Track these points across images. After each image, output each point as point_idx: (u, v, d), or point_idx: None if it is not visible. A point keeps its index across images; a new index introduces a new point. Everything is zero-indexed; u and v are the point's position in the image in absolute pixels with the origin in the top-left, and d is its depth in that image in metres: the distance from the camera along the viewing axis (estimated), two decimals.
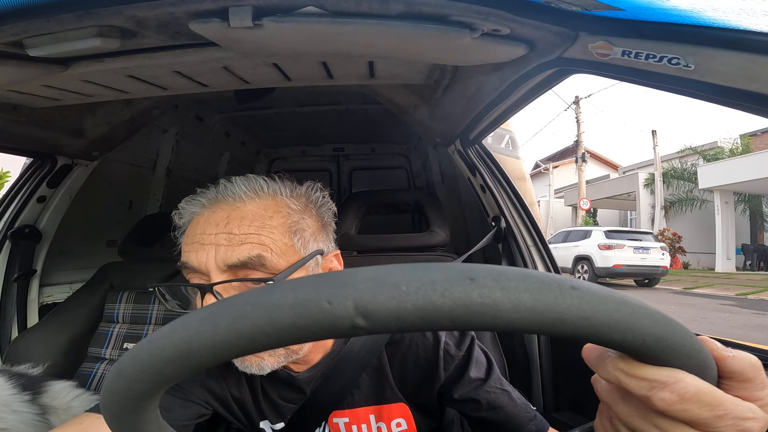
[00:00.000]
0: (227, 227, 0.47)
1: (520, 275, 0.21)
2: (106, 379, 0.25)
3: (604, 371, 0.26)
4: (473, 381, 0.59)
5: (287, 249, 0.49)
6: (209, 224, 0.48)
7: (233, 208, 0.49)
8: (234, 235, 0.46)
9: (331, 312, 0.21)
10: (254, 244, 0.47)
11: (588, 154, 14.15)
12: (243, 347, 0.22)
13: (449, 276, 0.21)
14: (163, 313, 1.28)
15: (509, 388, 0.62)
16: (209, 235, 0.47)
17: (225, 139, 2.06)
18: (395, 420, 0.61)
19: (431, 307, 0.20)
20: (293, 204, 0.52)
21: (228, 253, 0.46)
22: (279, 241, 0.48)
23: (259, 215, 0.49)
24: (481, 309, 0.20)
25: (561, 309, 0.21)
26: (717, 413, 0.22)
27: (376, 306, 0.21)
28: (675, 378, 0.23)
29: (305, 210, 0.53)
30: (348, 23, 0.53)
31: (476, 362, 0.61)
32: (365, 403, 0.62)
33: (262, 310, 0.21)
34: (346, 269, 0.23)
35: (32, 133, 1.03)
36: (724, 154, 12.09)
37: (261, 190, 0.51)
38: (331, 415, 0.61)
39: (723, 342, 0.27)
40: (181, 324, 0.23)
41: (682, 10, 0.41)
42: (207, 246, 0.47)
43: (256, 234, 0.47)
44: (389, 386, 0.61)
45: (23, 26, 0.53)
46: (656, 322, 0.22)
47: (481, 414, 0.60)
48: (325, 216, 0.57)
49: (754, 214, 11.88)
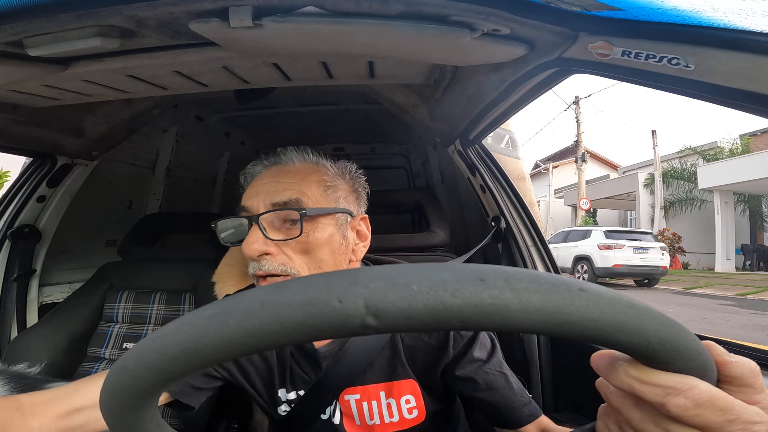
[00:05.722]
0: (276, 177, 0.59)
1: (529, 276, 0.22)
2: (107, 376, 0.25)
3: (616, 379, 0.26)
4: (475, 361, 0.63)
5: (321, 199, 0.59)
6: (265, 176, 0.60)
7: (283, 165, 0.61)
8: (280, 183, 0.58)
9: (341, 311, 0.21)
10: (294, 190, 0.57)
11: (588, 154, 14.14)
12: (251, 345, 0.22)
13: (460, 276, 0.21)
14: (163, 313, 1.28)
15: (508, 372, 0.64)
16: (263, 183, 0.59)
17: (225, 138, 2.06)
18: (405, 396, 0.64)
19: (442, 307, 0.20)
20: (330, 168, 0.63)
21: (274, 195, 0.57)
22: (315, 192, 0.59)
23: (301, 171, 0.60)
24: (491, 309, 0.21)
25: (570, 310, 0.21)
26: (728, 418, 0.23)
27: (387, 305, 0.21)
28: (689, 384, 0.23)
29: (340, 175, 0.63)
30: (348, 23, 0.53)
31: (480, 343, 0.64)
32: (376, 380, 0.64)
33: (271, 308, 0.21)
34: (356, 268, 0.23)
35: (32, 133, 1.03)
36: (724, 154, 12.09)
37: (307, 156, 0.63)
38: (343, 392, 0.64)
39: (722, 342, 0.27)
40: (188, 321, 0.23)
41: (682, 10, 0.41)
42: (260, 191, 0.58)
43: (297, 183, 0.58)
44: (401, 363, 0.64)
45: (23, 26, 0.53)
46: (661, 324, 0.23)
47: (478, 394, 0.62)
48: (357, 185, 0.66)
49: (754, 215, 11.88)
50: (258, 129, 2.15)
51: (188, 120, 1.78)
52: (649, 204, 13.48)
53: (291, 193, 0.57)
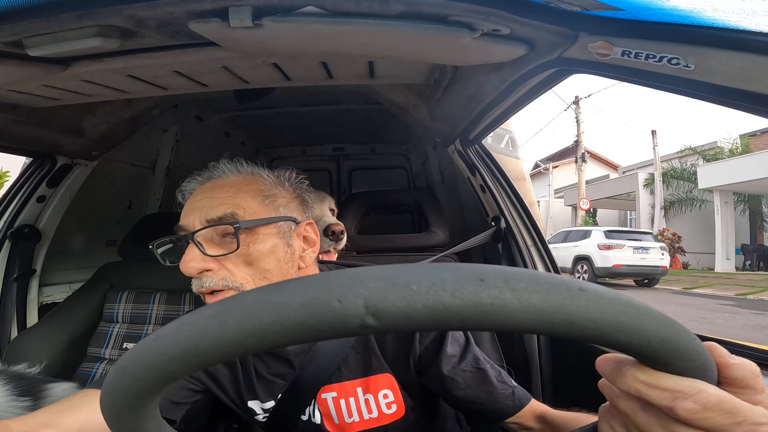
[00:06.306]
0: (210, 193, 0.58)
1: (529, 276, 0.22)
2: (107, 377, 0.25)
3: (623, 383, 0.26)
4: (450, 357, 0.63)
5: (259, 209, 0.58)
6: (199, 192, 0.59)
7: (218, 179, 0.60)
8: (215, 198, 0.57)
9: (341, 311, 0.21)
10: (229, 204, 0.56)
11: (588, 154, 14.14)
12: (250, 345, 0.22)
13: (459, 276, 0.21)
14: (163, 313, 1.28)
15: (486, 367, 0.64)
16: (198, 200, 0.58)
17: (225, 138, 2.06)
18: (382, 391, 0.64)
19: (441, 306, 0.20)
20: (267, 177, 0.62)
21: (209, 211, 0.56)
22: (251, 203, 0.58)
23: (236, 183, 0.59)
24: (491, 309, 0.21)
25: (569, 310, 0.21)
26: (736, 420, 0.24)
27: (387, 305, 0.20)
28: (697, 388, 0.24)
29: (279, 183, 0.62)
30: (348, 23, 0.53)
31: (452, 338, 0.64)
32: (352, 377, 0.64)
33: (271, 308, 0.21)
34: (355, 268, 0.23)
35: (32, 133, 1.03)
36: (724, 154, 12.08)
37: (241, 167, 0.62)
38: (320, 391, 0.63)
39: (723, 342, 0.27)
40: (188, 321, 0.23)
41: (682, 10, 0.41)
42: (195, 209, 0.57)
43: (232, 197, 0.57)
44: (375, 356, 0.64)
45: (23, 26, 0.53)
46: (661, 324, 0.23)
47: (458, 393, 0.62)
48: (299, 190, 0.65)
49: (754, 214, 11.87)
50: (258, 129, 2.15)
51: (188, 120, 1.77)
52: (649, 204, 13.48)
53: (225, 208, 0.56)
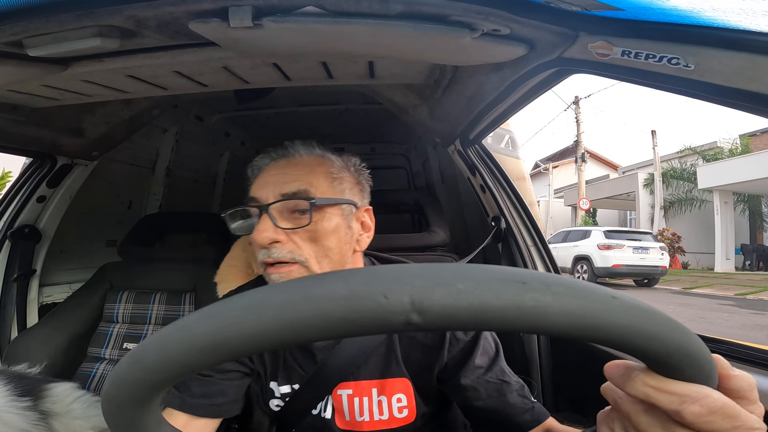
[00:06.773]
0: (285, 169, 0.61)
1: (567, 282, 0.22)
2: (118, 367, 0.24)
3: (632, 388, 0.27)
4: (476, 368, 0.62)
5: (327, 190, 0.61)
6: (273, 168, 0.62)
7: (291, 158, 0.63)
8: (288, 174, 0.60)
9: (386, 307, 0.20)
10: (303, 181, 0.60)
11: (588, 154, 14.14)
12: (286, 338, 0.21)
13: (502, 277, 0.21)
14: (163, 313, 1.28)
15: (511, 380, 0.64)
16: (272, 175, 0.61)
17: (225, 138, 2.06)
18: (396, 395, 0.64)
19: (485, 306, 0.21)
20: (336, 161, 0.65)
21: (283, 186, 0.59)
22: (322, 183, 0.61)
23: (309, 163, 0.63)
24: (532, 311, 0.21)
25: (603, 316, 0.22)
26: (735, 424, 0.25)
27: (433, 303, 0.20)
28: (703, 393, 0.25)
29: (345, 167, 0.66)
30: (348, 23, 0.53)
31: (482, 349, 0.64)
32: (370, 377, 0.65)
33: (312, 301, 0.21)
34: (394, 265, 0.23)
35: (32, 133, 1.03)
36: (724, 154, 12.08)
37: (313, 149, 0.65)
38: (337, 387, 0.64)
39: (722, 342, 0.28)
40: (218, 311, 0.22)
41: (682, 10, 0.41)
42: (269, 183, 0.60)
43: (305, 175, 0.60)
44: (395, 361, 0.65)
45: (23, 26, 0.53)
46: (681, 334, 0.24)
47: (478, 403, 0.62)
48: (361, 177, 0.68)
49: (754, 214, 11.87)
50: (258, 129, 2.15)
51: (188, 120, 1.77)
52: (649, 204, 13.48)
53: (299, 184, 0.59)
